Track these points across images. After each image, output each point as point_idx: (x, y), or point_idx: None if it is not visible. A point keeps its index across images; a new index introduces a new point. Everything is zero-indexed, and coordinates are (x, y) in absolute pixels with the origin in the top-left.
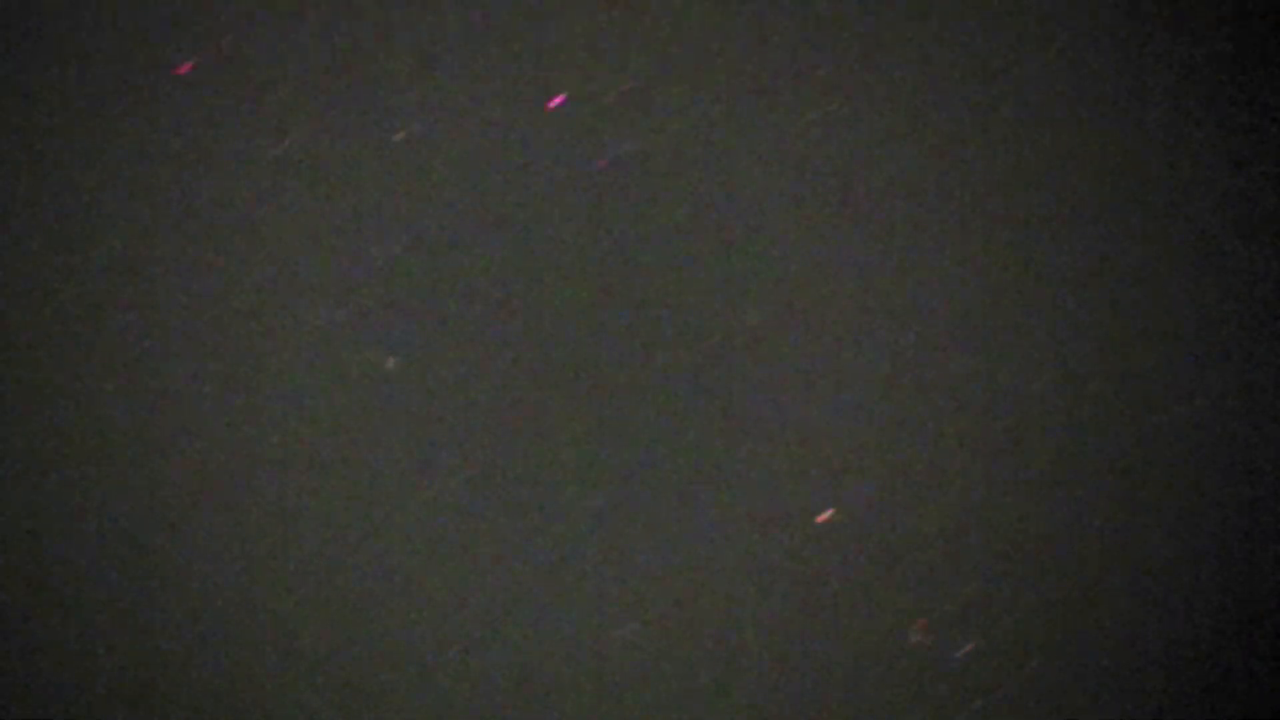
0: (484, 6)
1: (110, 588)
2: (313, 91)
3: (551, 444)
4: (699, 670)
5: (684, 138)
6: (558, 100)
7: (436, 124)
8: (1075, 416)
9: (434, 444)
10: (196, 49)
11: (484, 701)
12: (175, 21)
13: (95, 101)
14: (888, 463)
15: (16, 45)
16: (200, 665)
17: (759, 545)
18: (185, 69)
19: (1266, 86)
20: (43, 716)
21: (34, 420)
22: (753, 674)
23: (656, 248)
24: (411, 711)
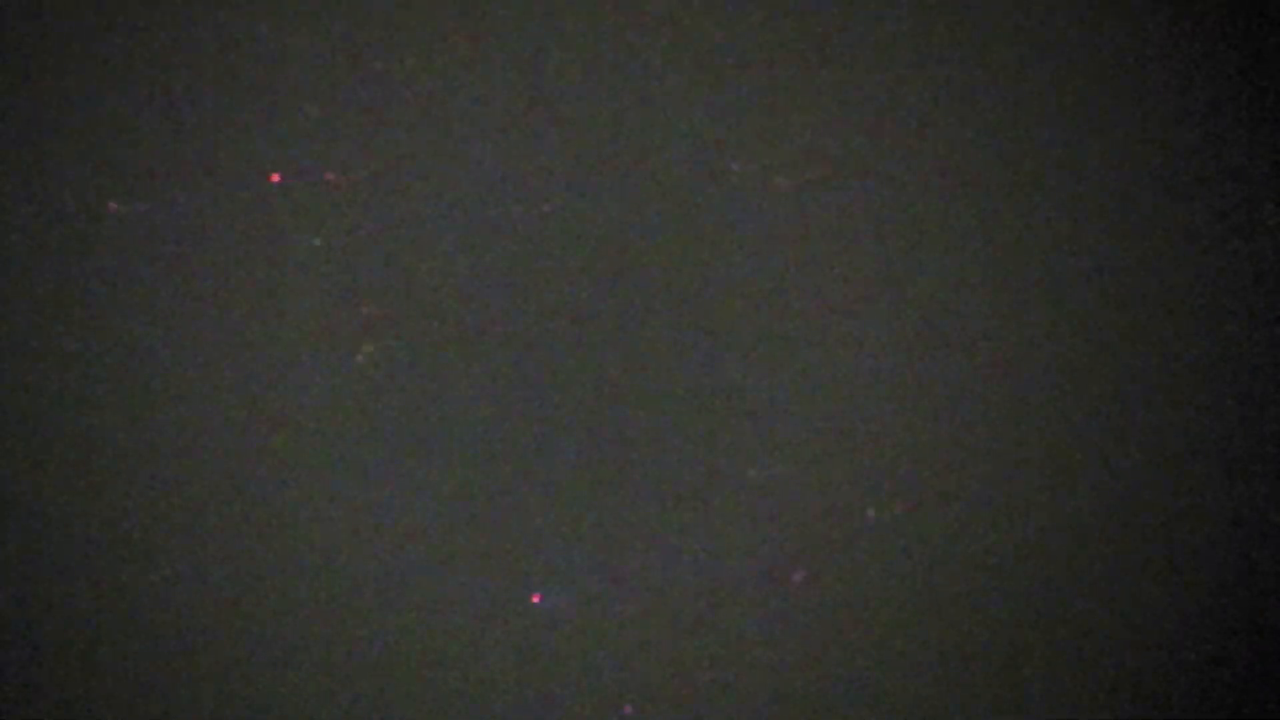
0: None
1: (110, 588)
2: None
3: (547, 445)
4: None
5: (679, 136)
6: (274, 177)
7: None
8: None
9: (419, 446)
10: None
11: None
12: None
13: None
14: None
15: None
16: (200, 665)
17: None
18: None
19: (1266, 86)
20: (43, 716)
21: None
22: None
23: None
24: (409, 709)
